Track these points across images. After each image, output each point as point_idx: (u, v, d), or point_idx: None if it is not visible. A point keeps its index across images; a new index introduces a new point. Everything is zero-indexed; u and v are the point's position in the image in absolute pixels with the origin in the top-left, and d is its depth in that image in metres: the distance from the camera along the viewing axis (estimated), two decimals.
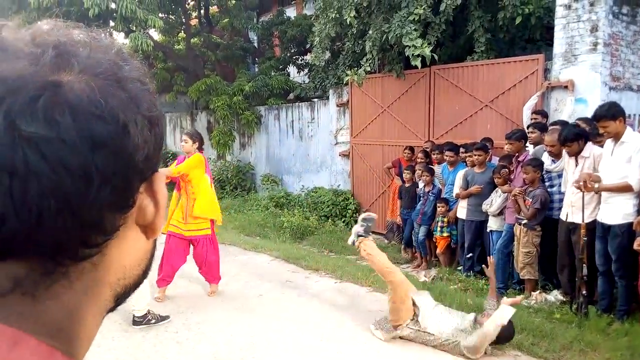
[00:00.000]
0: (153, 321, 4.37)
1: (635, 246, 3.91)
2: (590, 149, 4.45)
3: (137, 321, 4.33)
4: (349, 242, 4.70)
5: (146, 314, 4.34)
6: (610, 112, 4.14)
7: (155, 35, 13.68)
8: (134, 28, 10.44)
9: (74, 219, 0.40)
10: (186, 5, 13.40)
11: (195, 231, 4.93)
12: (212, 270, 5.09)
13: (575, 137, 4.49)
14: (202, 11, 13.95)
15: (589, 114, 5.42)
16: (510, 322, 3.71)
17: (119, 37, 14.08)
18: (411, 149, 7.56)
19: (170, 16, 13.59)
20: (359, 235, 4.46)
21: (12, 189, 0.38)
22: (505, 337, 3.72)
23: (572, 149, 4.52)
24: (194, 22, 14.26)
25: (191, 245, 5.02)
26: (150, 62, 15.09)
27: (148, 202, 0.48)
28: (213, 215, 5.02)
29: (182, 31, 14.01)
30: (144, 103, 0.48)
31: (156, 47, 12.19)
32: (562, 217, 4.65)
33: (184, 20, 13.54)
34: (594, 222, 4.32)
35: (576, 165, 4.54)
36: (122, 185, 0.43)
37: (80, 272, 0.44)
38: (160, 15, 11.76)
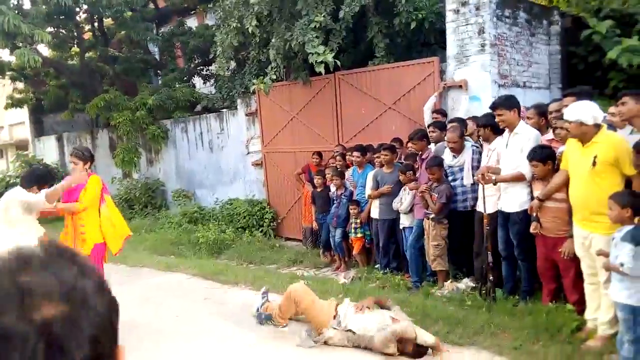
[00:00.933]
0: None
1: (531, 230, 4.22)
2: (497, 142, 4.73)
3: None
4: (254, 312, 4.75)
5: None
6: (507, 103, 4.45)
7: (45, 50, 12.80)
8: (20, 44, 9.68)
9: None
10: (77, 18, 12.64)
11: None
12: None
13: (485, 124, 4.83)
14: (95, 24, 13.22)
15: (483, 110, 5.82)
16: None
17: (4, 54, 13.02)
18: (319, 154, 7.66)
19: (61, 30, 12.78)
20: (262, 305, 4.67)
21: None
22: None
23: (486, 134, 4.83)
24: (87, 35, 13.50)
25: None
26: (40, 79, 14.08)
27: None
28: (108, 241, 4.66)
29: (75, 45, 13.21)
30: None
31: (46, 63, 11.39)
32: (477, 208, 4.92)
33: (75, 34, 12.78)
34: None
35: (486, 156, 4.84)
36: None
37: None
38: (49, 29, 11.02)
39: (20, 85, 14.87)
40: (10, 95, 14.82)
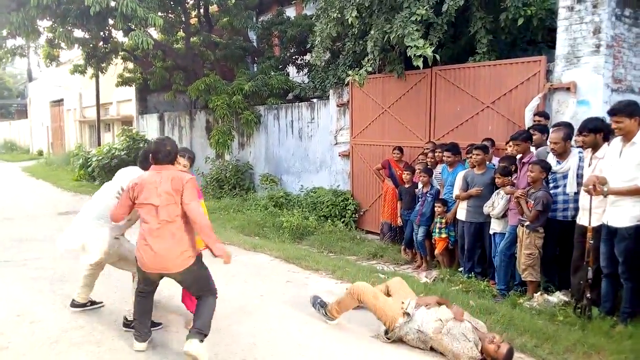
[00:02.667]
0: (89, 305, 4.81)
1: None
2: (605, 150, 4.42)
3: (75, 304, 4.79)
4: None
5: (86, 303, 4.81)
6: (628, 109, 4.11)
7: (155, 33, 13.62)
8: (134, 26, 10.38)
9: None
10: (186, 4, 13.34)
11: None
12: None
13: (594, 129, 4.45)
14: (201, 10, 13.91)
15: (592, 115, 5.43)
16: (511, 353, 3.69)
17: (119, 35, 14.06)
18: (400, 149, 7.56)
19: (170, 15, 13.53)
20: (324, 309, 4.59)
21: None
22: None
23: (588, 140, 4.49)
24: (193, 21, 14.21)
25: None
26: (148, 60, 15.04)
27: None
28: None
29: (182, 30, 13.95)
30: None
31: (156, 45, 12.12)
32: (578, 220, 4.64)
33: (183, 19, 13.49)
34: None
35: (589, 166, 4.52)
36: None
37: None
38: (160, 13, 11.71)
39: (130, 65, 16.00)
40: (120, 74, 16.01)
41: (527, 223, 4.93)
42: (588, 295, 4.27)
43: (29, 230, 8.82)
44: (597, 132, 4.45)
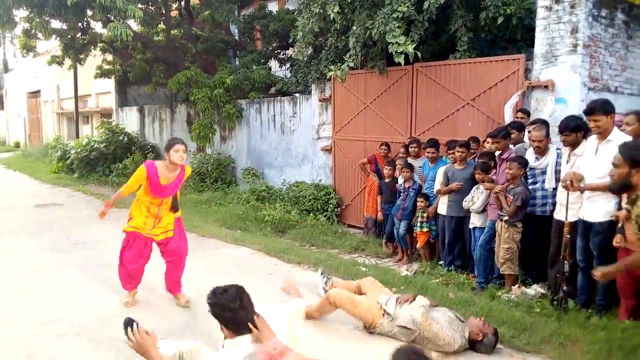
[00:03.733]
0: None
1: (614, 243, 4.01)
2: (583, 147, 4.52)
3: None
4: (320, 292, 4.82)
5: None
6: (604, 107, 4.21)
7: (134, 25, 13.45)
8: (113, 18, 10.22)
9: None
10: None
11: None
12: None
13: (575, 128, 4.54)
14: (182, 3, 13.75)
15: (569, 114, 5.55)
16: (496, 331, 3.80)
17: (97, 27, 13.83)
18: (387, 145, 7.62)
19: (150, 7, 13.37)
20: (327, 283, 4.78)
21: None
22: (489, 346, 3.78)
23: (570, 139, 4.58)
24: (174, 13, 14.06)
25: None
26: (128, 52, 14.83)
27: None
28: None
29: (162, 22, 13.79)
30: None
31: (135, 37, 11.97)
32: (555, 215, 4.74)
33: (164, 11, 13.33)
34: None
35: (567, 162, 4.63)
36: None
37: None
38: (139, 5, 11.55)
39: (109, 57, 15.75)
40: (99, 65, 15.75)
41: (506, 218, 5.03)
42: (564, 288, 4.38)
43: (5, 223, 8.67)
44: (578, 130, 4.56)
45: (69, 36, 13.38)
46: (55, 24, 12.68)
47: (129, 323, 2.49)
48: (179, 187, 4.78)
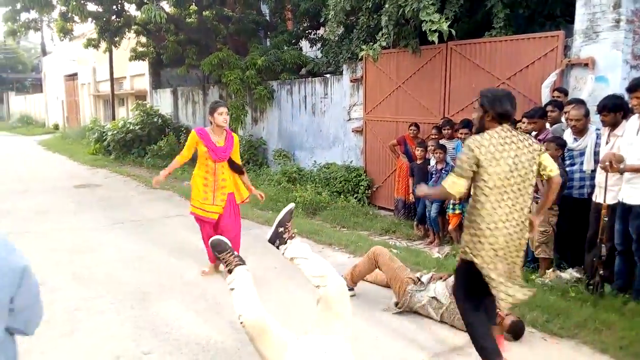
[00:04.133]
0: None
1: None
2: (623, 127, 4.36)
3: None
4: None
5: None
6: None
7: (167, 7, 13.56)
8: (147, 0, 10.34)
9: None
10: None
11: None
12: None
13: (614, 107, 4.38)
14: None
15: (610, 92, 5.35)
16: (519, 319, 3.74)
17: (131, 9, 14.01)
18: (417, 125, 7.51)
19: None
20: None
21: None
22: (516, 331, 3.72)
23: (608, 120, 4.43)
24: None
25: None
26: (161, 34, 15.01)
27: None
28: None
29: (194, 4, 13.86)
30: None
31: (168, 19, 12.09)
32: (593, 198, 4.62)
33: None
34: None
35: (607, 143, 4.48)
36: None
37: None
38: None
39: (143, 39, 15.98)
40: (133, 48, 16.00)
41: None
42: (601, 272, 4.28)
43: (47, 203, 9.00)
44: (617, 110, 4.39)
45: (104, 19, 13.62)
46: (91, 6, 12.91)
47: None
48: (232, 150, 4.90)
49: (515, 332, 3.71)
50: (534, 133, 5.41)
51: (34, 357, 3.47)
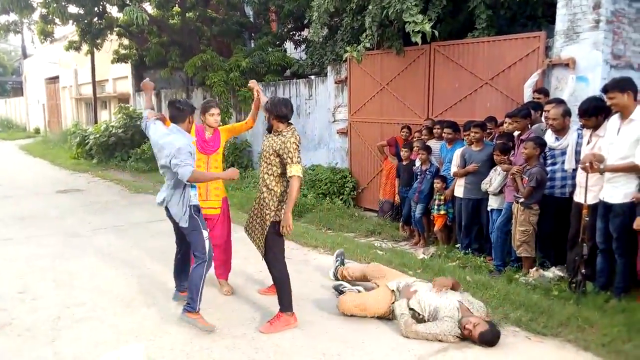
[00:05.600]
0: None
1: (635, 226, 3.94)
2: (605, 127, 4.40)
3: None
4: (331, 276, 4.98)
5: None
6: (620, 85, 4.09)
7: (150, 9, 13.42)
8: (129, 1, 10.24)
9: None
10: None
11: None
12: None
13: (595, 110, 4.41)
14: None
15: (590, 92, 5.43)
16: (493, 326, 3.71)
17: (113, 11, 13.85)
18: (408, 128, 7.53)
19: None
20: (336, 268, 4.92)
21: None
22: (488, 341, 3.65)
23: (590, 123, 4.46)
24: None
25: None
26: (144, 36, 14.86)
27: None
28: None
29: (177, 5, 13.75)
30: None
31: (151, 21, 11.98)
32: (575, 197, 4.65)
33: None
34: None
35: (588, 143, 4.52)
36: None
37: None
38: None
39: (125, 41, 15.81)
40: (116, 50, 15.82)
41: (522, 200, 4.96)
42: (583, 270, 4.32)
43: (28, 208, 8.86)
44: (598, 113, 4.43)
45: (85, 21, 13.44)
46: (72, 9, 12.73)
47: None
48: (219, 142, 4.77)
49: (488, 342, 3.63)
50: (516, 133, 5.47)
51: None
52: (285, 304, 3.98)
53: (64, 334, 3.92)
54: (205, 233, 4.02)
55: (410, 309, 3.93)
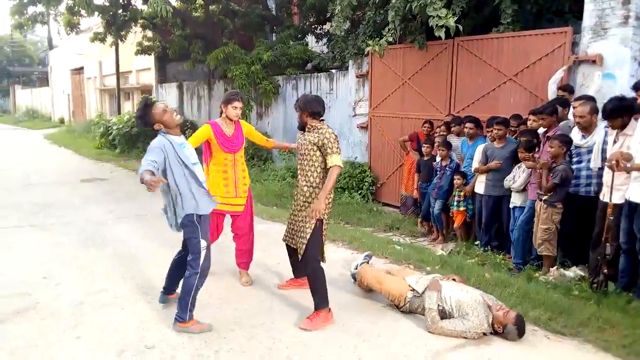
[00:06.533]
0: None
1: None
2: (633, 126, 4.31)
3: None
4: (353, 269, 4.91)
5: None
6: None
7: (174, 1, 13.55)
8: None
9: None
10: None
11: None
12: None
13: (620, 111, 4.33)
14: None
15: (617, 90, 5.32)
16: (518, 320, 3.70)
17: (138, 3, 14.01)
18: (430, 123, 7.47)
19: None
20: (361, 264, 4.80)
21: None
22: (522, 325, 3.69)
23: (616, 124, 4.38)
24: None
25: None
26: (167, 29, 15.01)
27: None
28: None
29: None
30: None
31: (175, 13, 12.08)
32: (601, 196, 4.57)
33: None
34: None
35: (615, 142, 4.43)
36: None
37: None
38: None
39: (149, 33, 15.99)
40: (140, 42, 16.01)
41: (545, 197, 4.89)
42: (605, 270, 4.26)
43: (53, 197, 9.05)
44: (623, 113, 4.34)
45: (110, 13, 13.62)
46: (98, 0, 12.91)
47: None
48: (242, 139, 4.65)
49: (521, 326, 3.68)
50: (542, 130, 5.38)
51: (40, 351, 3.50)
52: (321, 300, 3.93)
53: (86, 319, 4.01)
54: (204, 243, 3.75)
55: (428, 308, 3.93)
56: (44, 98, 36.73)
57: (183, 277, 3.79)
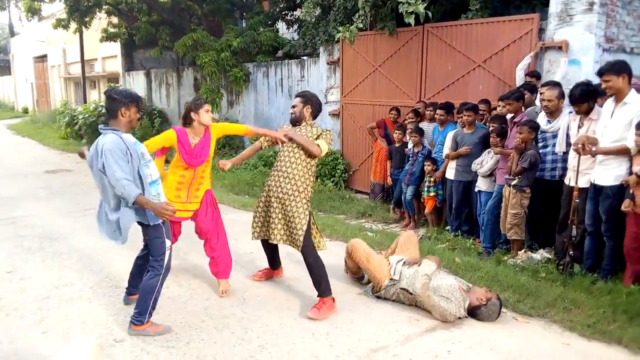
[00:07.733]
0: None
1: (623, 207, 3.97)
2: (598, 111, 4.41)
3: None
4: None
5: None
6: (616, 68, 4.09)
7: None
8: None
9: None
10: None
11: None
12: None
13: (588, 96, 4.42)
14: None
15: (583, 75, 5.42)
16: (499, 298, 3.81)
17: None
18: (397, 110, 7.50)
19: None
20: None
21: None
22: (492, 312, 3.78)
23: (582, 109, 4.48)
24: None
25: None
26: (133, 15, 14.61)
27: None
28: None
29: None
30: None
31: None
32: (565, 180, 4.67)
33: None
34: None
35: (579, 127, 4.52)
36: None
37: None
38: None
39: (114, 19, 15.53)
40: (105, 29, 15.54)
41: (514, 183, 4.97)
42: (571, 252, 4.37)
43: (17, 189, 8.77)
44: (588, 99, 4.44)
45: None
46: None
47: None
48: (209, 148, 4.16)
49: (501, 302, 3.80)
50: (509, 115, 5.45)
51: (3, 348, 3.39)
52: (326, 288, 3.93)
53: (52, 313, 3.90)
54: (168, 243, 3.56)
55: (403, 289, 3.97)
56: (6, 87, 35.46)
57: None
